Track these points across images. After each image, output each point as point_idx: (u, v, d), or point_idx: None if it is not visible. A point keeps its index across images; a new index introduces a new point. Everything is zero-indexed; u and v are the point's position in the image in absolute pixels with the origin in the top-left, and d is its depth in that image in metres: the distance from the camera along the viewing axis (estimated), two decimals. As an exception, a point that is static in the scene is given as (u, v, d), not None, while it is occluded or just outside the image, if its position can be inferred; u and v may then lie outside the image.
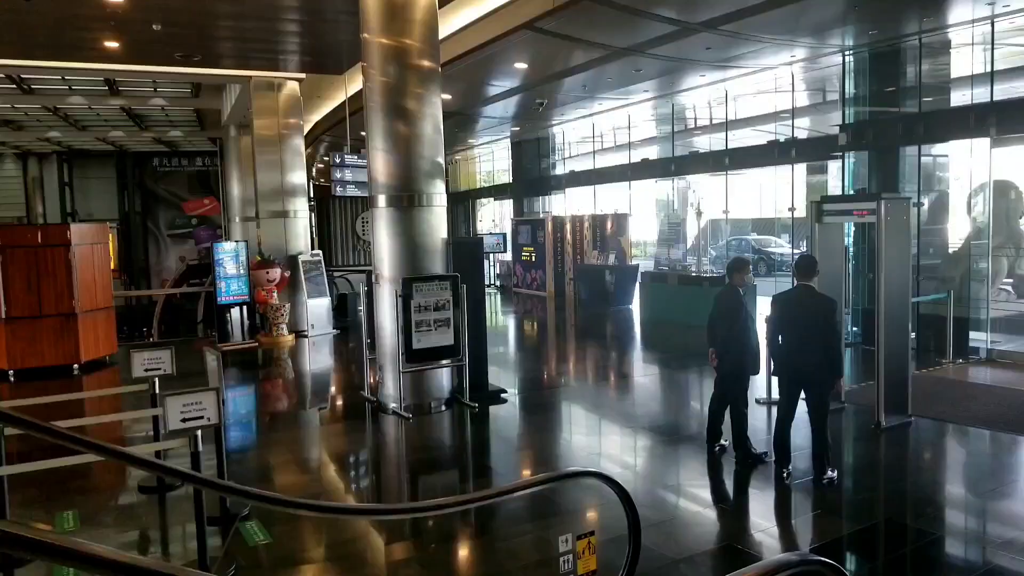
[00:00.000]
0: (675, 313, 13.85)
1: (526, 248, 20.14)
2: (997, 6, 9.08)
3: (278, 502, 3.38)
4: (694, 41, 10.38)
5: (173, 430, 4.48)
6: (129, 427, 8.04)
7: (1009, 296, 10.99)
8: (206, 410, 4.58)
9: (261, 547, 4.97)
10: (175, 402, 4.48)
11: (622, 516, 3.75)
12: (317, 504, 3.61)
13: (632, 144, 18.67)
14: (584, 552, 3.63)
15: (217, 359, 5.45)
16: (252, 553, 4.87)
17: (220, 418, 4.63)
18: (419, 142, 8.33)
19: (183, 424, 4.51)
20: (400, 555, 4.82)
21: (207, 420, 4.58)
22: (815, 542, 4.88)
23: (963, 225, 11.39)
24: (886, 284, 7.27)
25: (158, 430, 6.21)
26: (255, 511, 5.39)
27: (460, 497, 3.49)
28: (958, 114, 10.34)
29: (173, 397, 4.48)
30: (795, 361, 5.95)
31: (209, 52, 12.17)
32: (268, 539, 5.07)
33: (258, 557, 4.85)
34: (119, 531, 5.49)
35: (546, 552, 4.75)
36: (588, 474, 3.74)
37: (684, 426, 7.74)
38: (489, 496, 3.53)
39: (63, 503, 5.76)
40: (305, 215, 14.99)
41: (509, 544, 4.88)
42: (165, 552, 5.13)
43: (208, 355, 5.66)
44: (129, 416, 7.30)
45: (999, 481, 5.98)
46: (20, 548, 1.49)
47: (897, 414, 7.34)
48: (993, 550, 4.62)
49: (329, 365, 12.45)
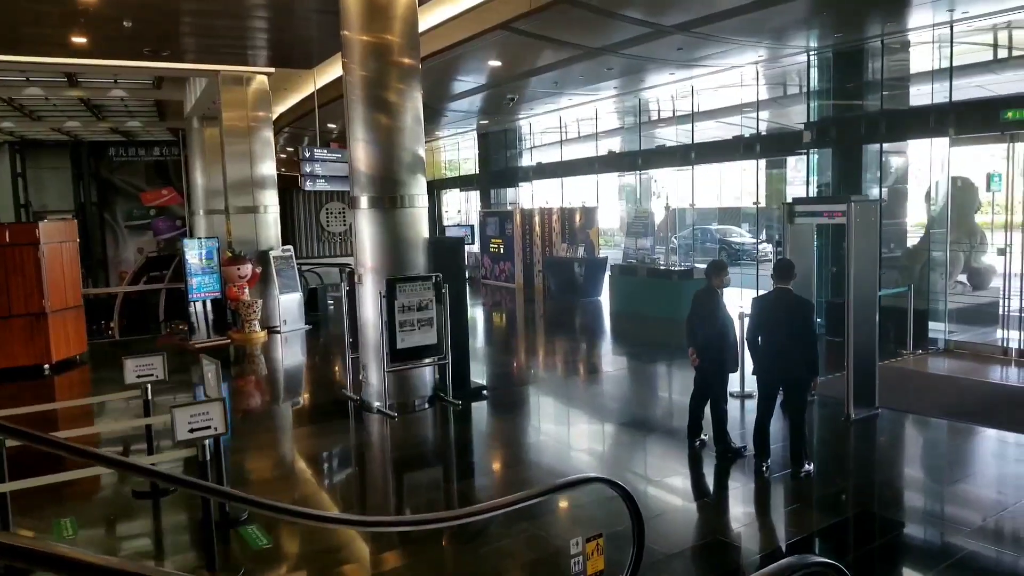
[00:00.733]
0: (645, 305, 14.14)
1: (494, 240, 20.28)
2: (956, 12, 9.46)
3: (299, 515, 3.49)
4: (666, 42, 10.60)
5: (181, 440, 4.54)
6: (118, 430, 8.01)
7: (965, 288, 11.47)
8: (213, 420, 4.65)
9: (264, 551, 5.07)
10: (183, 413, 4.55)
11: (610, 510, 3.94)
12: (333, 516, 3.73)
13: (598, 135, 18.89)
14: (593, 553, 3.82)
15: (216, 367, 5.49)
16: (256, 557, 4.97)
17: (227, 427, 4.70)
18: (400, 135, 8.39)
19: (191, 435, 4.58)
20: (402, 557, 4.96)
21: (214, 430, 4.65)
22: (799, 535, 5.15)
23: (922, 220, 11.85)
24: (855, 281, 7.59)
25: (151, 437, 6.27)
26: (254, 514, 5.48)
27: (471, 508, 3.63)
28: (918, 114, 10.75)
29: (181, 408, 4.55)
30: (775, 361, 6.22)
31: (178, 47, 12.00)
32: (270, 543, 5.18)
33: (261, 561, 4.95)
34: (119, 538, 5.53)
35: (542, 550, 4.95)
36: (597, 480, 3.92)
37: (664, 420, 8.00)
38: (500, 506, 3.67)
39: (58, 509, 5.76)
40: (276, 210, 14.89)
41: (508, 543, 5.06)
42: (168, 558, 5.19)
43: (205, 363, 5.69)
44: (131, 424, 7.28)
45: (964, 471, 6.34)
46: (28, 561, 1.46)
47: (865, 406, 7.69)
48: (965, 538, 4.94)
49: (307, 362, 12.46)
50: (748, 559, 4.81)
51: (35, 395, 10.20)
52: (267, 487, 6.41)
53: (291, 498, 6.05)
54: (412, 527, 3.59)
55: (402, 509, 6.05)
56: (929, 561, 4.76)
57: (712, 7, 8.92)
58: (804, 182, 13.84)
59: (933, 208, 11.47)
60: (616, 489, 3.88)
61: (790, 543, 5.01)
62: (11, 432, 3.91)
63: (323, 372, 11.50)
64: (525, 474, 6.61)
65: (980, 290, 11.43)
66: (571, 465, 6.86)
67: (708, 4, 8.86)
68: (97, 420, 8.37)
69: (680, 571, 4.73)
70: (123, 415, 8.55)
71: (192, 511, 5.76)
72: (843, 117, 11.65)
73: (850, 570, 2.90)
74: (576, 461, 7.01)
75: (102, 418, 8.58)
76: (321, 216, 27.31)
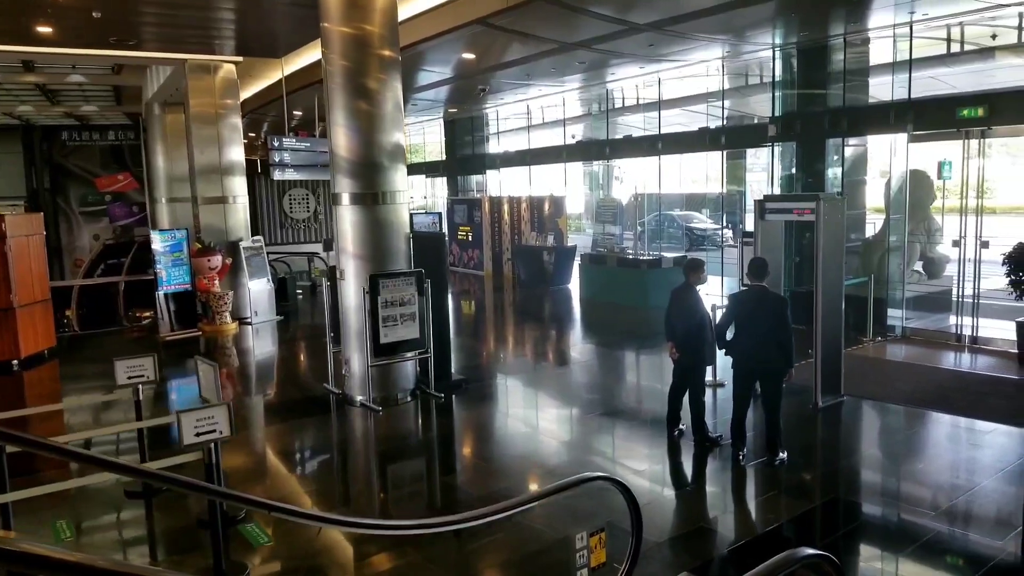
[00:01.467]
0: (614, 294, 14.44)
1: (463, 227, 20.38)
2: (916, 14, 9.85)
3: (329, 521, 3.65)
4: (639, 39, 10.81)
5: (189, 444, 4.65)
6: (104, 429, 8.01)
7: (921, 277, 11.98)
8: (218, 424, 4.76)
9: (265, 549, 5.21)
10: (189, 417, 4.65)
11: (601, 502, 4.18)
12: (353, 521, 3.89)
13: (565, 121, 19.09)
14: (596, 547, 4.06)
15: (214, 370, 5.57)
16: (258, 556, 5.11)
17: (231, 431, 4.82)
18: (381, 122, 8.44)
19: (197, 439, 4.68)
20: (404, 553, 5.14)
21: (219, 433, 4.76)
22: (777, 521, 5.47)
23: (881, 211, 12.32)
24: (823, 274, 7.95)
25: (143, 437, 6.33)
26: (250, 512, 5.60)
27: (477, 512, 3.80)
28: (879, 110, 11.16)
29: (187, 413, 4.65)
30: (752, 356, 6.53)
31: (146, 37, 11.83)
32: (270, 541, 5.32)
33: (263, 559, 5.09)
34: (121, 539, 5.62)
35: (539, 542, 5.17)
36: (600, 479, 4.14)
37: (644, 410, 8.28)
38: (507, 508, 3.86)
39: (52, 510, 5.79)
40: (244, 200, 14.79)
41: (501, 536, 5.27)
42: (174, 557, 5.29)
43: (202, 365, 5.77)
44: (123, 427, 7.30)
45: (925, 458, 6.75)
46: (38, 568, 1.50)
47: (831, 394, 8.08)
48: (930, 521, 5.30)
49: (283, 355, 12.48)
50: (732, 546, 5.10)
51: (6, 391, 10.11)
52: (263, 484, 6.52)
53: (290, 495, 6.19)
54: (426, 530, 3.76)
55: (401, 503, 6.23)
56: (898, 544, 5.10)
57: (684, 7, 9.14)
58: (764, 170, 14.27)
59: (892, 200, 11.92)
60: (618, 487, 4.12)
61: (769, 530, 5.31)
62: (15, 439, 3.99)
63: (301, 365, 11.56)
64: (514, 465, 6.85)
65: (935, 278, 11.95)
66: (556, 456, 7.10)
67: (681, 4, 9.08)
68: (81, 419, 8.35)
69: (669, 559, 4.98)
70: (111, 413, 8.55)
71: (186, 509, 5.87)
72: (807, 112, 12.02)
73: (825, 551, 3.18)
74: (560, 452, 7.25)
75: (83, 416, 8.56)
76: (284, 202, 27.01)
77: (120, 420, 7.75)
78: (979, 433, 7.07)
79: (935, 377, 9.01)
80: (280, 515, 4.14)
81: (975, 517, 5.42)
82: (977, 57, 12.93)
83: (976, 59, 13.07)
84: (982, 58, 12.89)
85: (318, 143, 15.27)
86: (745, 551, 4.96)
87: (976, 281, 10.45)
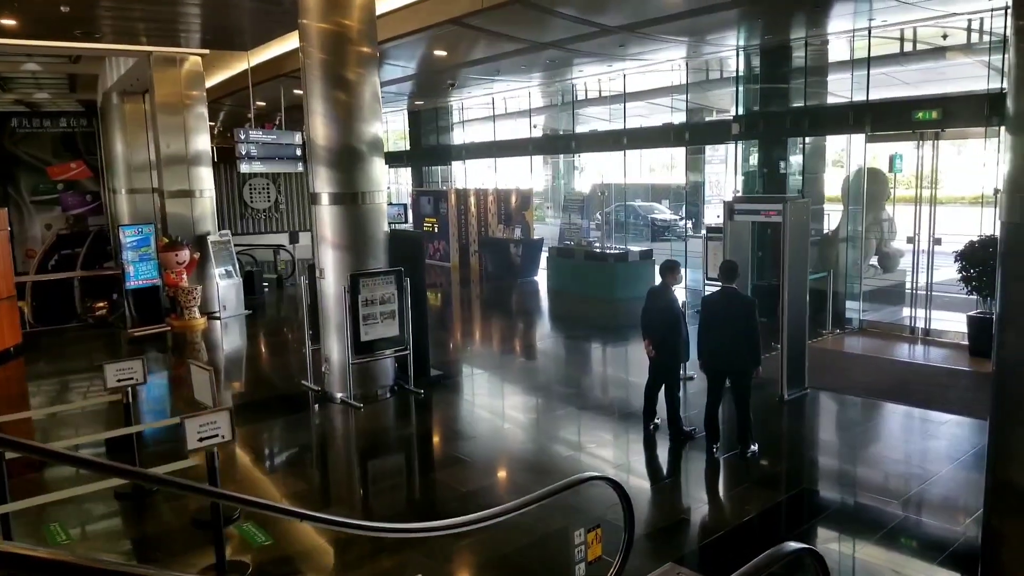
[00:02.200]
0: (581, 286, 14.74)
1: (428, 219, 20.45)
2: (876, 20, 10.25)
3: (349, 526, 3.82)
4: (610, 40, 11.04)
5: (192, 449, 4.77)
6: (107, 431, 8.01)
7: (876, 271, 12.49)
8: (220, 428, 4.88)
9: (265, 548, 5.35)
10: (193, 423, 4.76)
11: (587, 496, 4.43)
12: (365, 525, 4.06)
13: (531, 111, 19.28)
14: (592, 542, 4.31)
15: (210, 375, 5.66)
16: (258, 555, 5.25)
17: (233, 436, 4.94)
18: (359, 113, 8.55)
19: (200, 444, 4.80)
20: (400, 549, 5.33)
21: (222, 438, 4.88)
22: (752, 511, 5.78)
23: (839, 207, 12.79)
24: (789, 272, 8.31)
25: (135, 444, 6.41)
26: (245, 511, 5.72)
27: (476, 515, 3.98)
28: (839, 111, 11.60)
29: (191, 419, 4.76)
30: (722, 355, 6.85)
31: (112, 30, 11.66)
32: (268, 540, 5.45)
33: (264, 559, 5.23)
34: (113, 541, 5.69)
35: (530, 535, 5.40)
36: (597, 479, 4.39)
37: (617, 402, 8.57)
38: (505, 512, 4.05)
39: (43, 514, 5.83)
40: (211, 193, 14.68)
41: (493, 531, 5.49)
42: (174, 558, 5.39)
43: (196, 370, 5.85)
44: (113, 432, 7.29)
45: (888, 448, 7.15)
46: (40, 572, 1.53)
47: (796, 387, 8.47)
48: (896, 509, 5.67)
49: (256, 350, 12.48)
50: (712, 536, 5.40)
51: None
52: (257, 483, 6.63)
53: (284, 494, 6.32)
54: (432, 533, 3.94)
55: (393, 499, 6.41)
56: (865, 532, 5.44)
57: (654, 12, 9.39)
58: (723, 162, 14.64)
59: (849, 196, 12.39)
60: (614, 487, 4.37)
61: (745, 520, 5.62)
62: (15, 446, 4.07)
63: (276, 361, 11.58)
64: (497, 460, 7.08)
65: (889, 272, 12.47)
66: (537, 450, 7.34)
67: (654, 8, 9.32)
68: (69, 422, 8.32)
69: (652, 550, 5.25)
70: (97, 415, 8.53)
71: (178, 510, 5.97)
72: (769, 112, 12.39)
73: (799, 541, 3.47)
74: (540, 446, 7.49)
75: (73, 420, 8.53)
76: (244, 192, 26.69)
77: (111, 422, 7.73)
78: (935, 424, 7.50)
79: (892, 369, 9.48)
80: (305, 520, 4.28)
81: (934, 505, 5.82)
82: (929, 56, 13.51)
83: (928, 58, 13.66)
84: (934, 57, 13.47)
85: (284, 135, 15.24)
86: (725, 541, 5.27)
87: (929, 276, 10.95)
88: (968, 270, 9.49)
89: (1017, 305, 4.02)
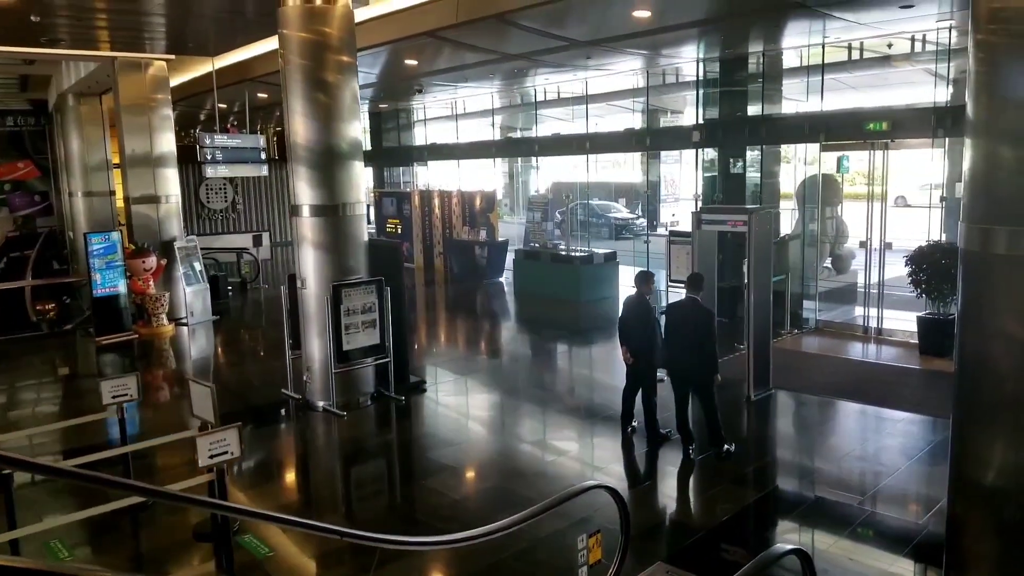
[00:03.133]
0: (549, 288, 15.06)
1: (391, 220, 20.55)
2: (829, 37, 10.80)
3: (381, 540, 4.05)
4: (578, 52, 11.38)
5: (204, 466, 4.95)
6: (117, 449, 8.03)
7: (830, 273, 13.09)
8: (230, 445, 5.06)
9: (269, 559, 5.54)
10: (204, 441, 4.94)
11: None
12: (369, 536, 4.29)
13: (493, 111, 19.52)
14: (593, 546, 4.62)
15: (211, 391, 5.81)
16: (263, 567, 5.43)
17: (241, 451, 5.13)
18: (339, 113, 8.73)
19: (211, 460, 4.98)
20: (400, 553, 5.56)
21: (231, 454, 5.07)
22: (730, 511, 6.16)
23: (794, 211, 13.36)
24: (755, 278, 8.76)
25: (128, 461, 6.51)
26: (244, 523, 5.89)
27: (493, 526, 4.23)
28: (795, 122, 12.13)
29: (203, 437, 4.93)
30: (681, 362, 7.26)
31: (78, 37, 11.57)
32: (271, 552, 5.64)
33: (269, 570, 5.42)
34: (115, 555, 5.80)
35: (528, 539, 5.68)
36: (597, 487, 4.70)
37: (594, 405, 8.88)
38: (512, 524, 4.32)
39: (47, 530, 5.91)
40: (177, 199, 14.60)
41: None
42: (174, 570, 5.55)
43: (195, 387, 5.98)
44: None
45: (849, 446, 7.63)
46: None
47: (762, 387, 8.93)
48: (862, 506, 6.12)
49: (229, 358, 12.50)
50: (696, 535, 5.76)
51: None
52: (255, 496, 6.77)
53: (288, 504, 6.49)
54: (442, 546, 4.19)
55: (393, 508, 6.64)
56: (838, 527, 5.86)
57: (626, 29, 9.75)
58: (676, 162, 14.95)
59: (805, 201, 12.95)
60: (612, 495, 4.70)
61: (725, 519, 5.99)
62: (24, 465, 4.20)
63: (251, 368, 11.57)
64: (482, 465, 7.34)
65: (843, 274, 13.08)
66: (520, 454, 7.65)
67: (622, 26, 9.68)
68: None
69: (640, 550, 5.57)
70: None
71: (176, 524, 6.09)
72: (728, 120, 12.87)
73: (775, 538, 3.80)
74: (523, 450, 7.79)
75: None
76: (200, 192, 26.36)
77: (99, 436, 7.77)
78: (892, 422, 8.01)
79: (849, 368, 10.02)
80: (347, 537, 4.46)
81: (897, 500, 6.30)
82: (876, 64, 14.21)
83: (875, 66, 14.36)
84: (880, 65, 14.18)
85: (248, 138, 15.24)
86: (707, 539, 5.64)
87: (881, 277, 11.55)
88: (918, 273, 10.06)
89: (977, 305, 4.32)
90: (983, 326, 4.22)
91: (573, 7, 8.94)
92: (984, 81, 4.09)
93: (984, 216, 4.05)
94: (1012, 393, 4.04)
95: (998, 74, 4.03)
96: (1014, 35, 3.90)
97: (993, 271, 4.04)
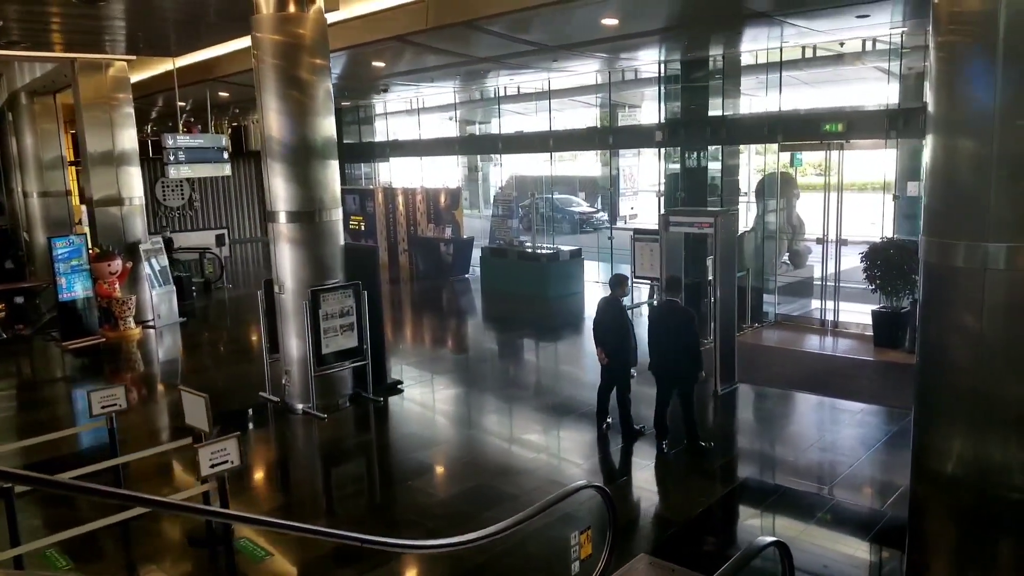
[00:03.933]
0: (516, 285, 15.32)
1: (355, 217, 20.55)
2: (788, 41, 11.22)
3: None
4: (544, 55, 11.61)
5: (205, 476, 5.09)
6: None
7: (788, 268, 13.59)
8: (230, 454, 5.21)
9: (268, 563, 5.69)
10: (206, 451, 5.08)
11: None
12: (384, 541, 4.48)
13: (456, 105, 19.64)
14: (584, 542, 4.90)
15: (204, 401, 5.92)
16: (262, 570, 5.59)
17: (241, 460, 5.28)
18: (313, 108, 8.88)
19: (212, 470, 5.12)
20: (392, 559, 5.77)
21: (231, 463, 5.22)
22: (706, 503, 6.50)
23: (752, 208, 13.83)
24: (720, 276, 9.14)
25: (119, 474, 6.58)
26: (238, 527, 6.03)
27: (493, 528, 4.44)
28: (755, 122, 12.57)
29: (204, 447, 5.07)
30: (664, 362, 7.58)
31: (36, 39, 11.41)
32: (269, 555, 5.80)
33: (270, 573, 5.59)
34: (112, 563, 5.89)
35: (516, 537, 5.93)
36: (588, 487, 4.98)
37: (570, 401, 9.15)
38: (514, 524, 4.54)
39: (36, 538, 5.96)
40: (141, 200, 14.46)
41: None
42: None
43: (188, 396, 6.08)
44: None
45: (811, 437, 8.03)
46: None
47: (728, 381, 9.32)
48: (827, 494, 6.52)
49: (201, 361, 12.47)
50: (675, 528, 6.09)
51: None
52: (246, 500, 6.87)
53: (276, 507, 6.62)
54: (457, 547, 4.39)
55: (383, 509, 6.83)
56: (805, 515, 6.23)
57: (593, 35, 10.01)
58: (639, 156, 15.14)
59: (764, 198, 13.42)
60: (601, 494, 4.98)
61: (701, 511, 6.33)
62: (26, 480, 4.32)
63: (225, 371, 11.55)
64: (468, 464, 7.56)
65: (799, 269, 13.59)
66: (500, 452, 7.89)
67: (589, 32, 9.94)
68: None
69: (623, 543, 5.89)
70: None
71: (167, 530, 6.20)
72: (690, 120, 13.26)
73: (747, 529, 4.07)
74: (505, 448, 8.04)
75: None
76: (157, 190, 25.95)
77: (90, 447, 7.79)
78: (850, 413, 8.46)
79: (808, 361, 10.49)
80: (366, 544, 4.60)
81: (860, 488, 6.71)
82: (830, 62, 14.77)
83: (829, 63, 14.92)
84: (834, 63, 14.75)
85: (211, 138, 15.15)
86: (686, 531, 5.96)
87: (837, 272, 12.05)
88: (872, 269, 10.56)
89: (936, 309, 4.59)
90: (942, 326, 4.51)
91: (541, 15, 9.16)
92: (944, 81, 4.22)
93: (943, 231, 4.33)
94: (969, 388, 4.36)
95: (959, 75, 4.15)
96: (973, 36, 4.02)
97: (951, 280, 4.36)
